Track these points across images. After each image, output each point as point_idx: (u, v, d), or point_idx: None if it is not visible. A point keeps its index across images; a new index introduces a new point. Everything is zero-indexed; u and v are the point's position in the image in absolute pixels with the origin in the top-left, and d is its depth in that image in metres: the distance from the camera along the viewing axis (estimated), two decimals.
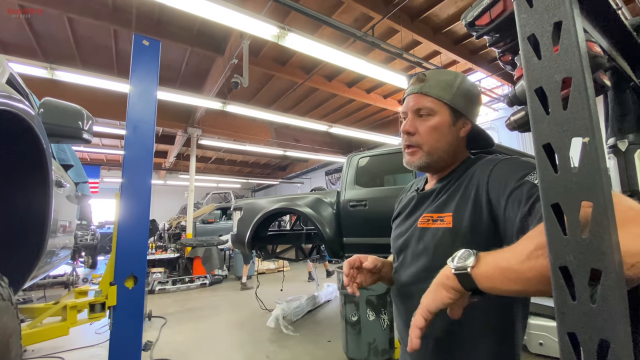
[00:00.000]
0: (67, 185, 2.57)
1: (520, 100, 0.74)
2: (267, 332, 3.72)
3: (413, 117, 0.79)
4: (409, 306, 0.79)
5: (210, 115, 8.55)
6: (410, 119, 0.80)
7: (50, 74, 4.59)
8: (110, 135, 9.75)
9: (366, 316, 2.70)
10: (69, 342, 3.39)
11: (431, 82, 0.79)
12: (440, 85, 0.78)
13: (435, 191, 0.81)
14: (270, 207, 3.65)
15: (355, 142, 11.07)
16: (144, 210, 1.99)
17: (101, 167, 12.68)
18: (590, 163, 0.35)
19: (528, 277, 0.45)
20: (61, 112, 1.63)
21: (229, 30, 5.12)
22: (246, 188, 18.95)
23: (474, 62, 6.04)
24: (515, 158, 0.70)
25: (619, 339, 0.32)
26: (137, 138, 2.00)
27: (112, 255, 1.93)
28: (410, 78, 0.77)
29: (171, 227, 8.48)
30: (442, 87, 0.78)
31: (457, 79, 0.79)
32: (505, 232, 0.63)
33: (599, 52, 0.59)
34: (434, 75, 0.80)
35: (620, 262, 0.34)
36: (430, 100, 0.77)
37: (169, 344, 3.44)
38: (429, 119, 0.77)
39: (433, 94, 0.77)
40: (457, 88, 0.78)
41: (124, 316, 1.90)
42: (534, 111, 0.40)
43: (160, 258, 7.12)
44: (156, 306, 4.83)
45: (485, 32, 0.75)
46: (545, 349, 2.78)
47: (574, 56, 0.37)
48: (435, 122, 0.77)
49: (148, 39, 2.11)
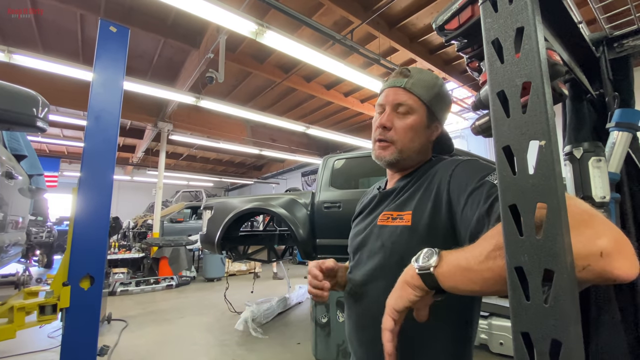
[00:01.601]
0: (19, 178, 2.38)
1: (484, 105, 0.76)
2: (235, 335, 3.63)
3: (391, 112, 0.78)
4: (360, 306, 0.78)
5: (183, 110, 8.26)
6: (388, 113, 0.78)
7: (7, 57, 4.24)
8: (72, 126, 9.16)
9: (336, 317, 2.71)
10: (19, 346, 3.14)
11: (415, 79, 0.78)
12: (422, 84, 0.78)
13: (397, 190, 0.81)
14: (243, 206, 3.57)
15: (332, 144, 11.12)
16: (104, 206, 1.87)
17: (61, 159, 11.89)
18: (546, 166, 0.36)
19: (486, 278, 0.45)
20: (12, 96, 1.50)
21: (205, 23, 4.97)
22: (219, 187, 18.49)
23: (447, 72, 6.27)
24: (476, 160, 0.71)
25: (571, 339, 0.33)
26: (100, 129, 1.88)
27: (67, 254, 1.80)
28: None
29: (137, 225, 8.09)
30: (423, 87, 0.77)
31: (438, 81, 0.80)
32: (459, 231, 0.64)
33: (558, 61, 0.62)
34: (417, 73, 0.79)
35: (572, 264, 0.35)
36: (411, 97, 0.77)
37: (129, 348, 3.27)
38: (407, 117, 0.77)
39: (415, 91, 0.77)
40: (437, 91, 0.78)
41: (77, 319, 1.77)
42: (496, 114, 0.41)
43: (124, 258, 6.78)
44: (117, 308, 4.58)
45: (453, 36, 0.77)
46: (505, 349, 2.91)
47: (534, 62, 0.38)
48: (412, 121, 0.77)
49: (116, 25, 1.99)
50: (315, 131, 8.03)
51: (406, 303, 0.54)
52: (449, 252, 0.53)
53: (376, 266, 0.75)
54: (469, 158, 0.73)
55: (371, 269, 0.76)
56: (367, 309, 0.75)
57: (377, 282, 0.58)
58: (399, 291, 0.56)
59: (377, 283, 0.58)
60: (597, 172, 0.79)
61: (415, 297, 0.53)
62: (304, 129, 7.78)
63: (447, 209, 0.68)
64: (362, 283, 0.78)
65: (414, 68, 0.81)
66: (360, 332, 0.78)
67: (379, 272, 0.73)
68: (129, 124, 9.53)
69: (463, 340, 0.72)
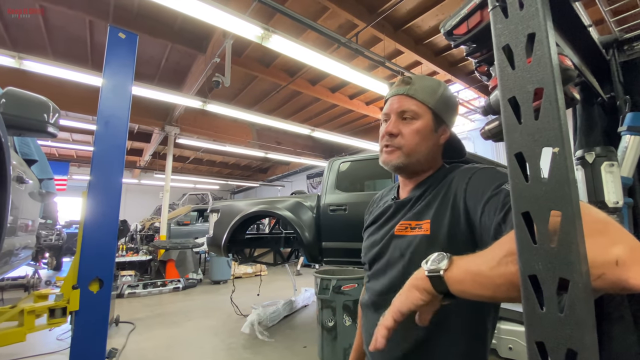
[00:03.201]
0: (30, 182, 2.42)
1: (494, 110, 0.76)
2: (241, 338, 3.63)
3: (397, 120, 0.79)
4: (379, 315, 0.78)
5: (190, 113, 8.34)
6: (393, 121, 0.79)
7: (18, 63, 4.32)
8: (81, 130, 9.31)
9: (343, 321, 2.69)
10: (28, 349, 3.18)
11: (417, 85, 0.79)
12: (425, 90, 0.79)
13: (413, 199, 0.81)
14: (249, 209, 3.59)
15: (337, 147, 11.13)
16: (113, 209, 1.89)
17: (70, 163, 12.06)
18: (560, 173, 0.35)
19: (497, 284, 0.45)
20: (25, 103, 1.53)
21: (211, 28, 5.03)
22: (225, 190, 18.59)
23: (453, 73, 6.24)
24: (492, 168, 0.71)
25: (586, 348, 0.32)
26: (109, 134, 1.90)
27: (77, 257, 1.82)
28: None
29: (144, 228, 8.16)
30: (427, 92, 0.78)
31: (441, 86, 0.81)
32: (481, 240, 0.64)
33: (570, 66, 0.61)
34: (419, 80, 0.80)
35: (587, 272, 0.34)
36: (415, 103, 0.78)
37: (137, 351, 3.29)
38: (413, 122, 0.77)
39: (419, 97, 0.78)
40: (441, 95, 0.79)
41: (87, 322, 1.79)
42: (507, 120, 0.40)
43: (131, 260, 6.83)
44: (125, 311, 4.61)
45: (462, 41, 0.77)
46: (514, 354, 2.86)
47: (546, 67, 0.38)
48: (418, 125, 0.77)
49: (124, 32, 2.02)
50: (320, 134, 8.04)
51: (411, 306, 0.54)
52: (460, 257, 0.52)
53: (396, 276, 0.75)
54: (486, 166, 0.72)
55: (391, 279, 0.77)
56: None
57: (397, 291, 0.59)
58: (406, 293, 0.56)
59: (397, 293, 0.58)
60: (610, 177, 0.78)
61: (422, 301, 0.53)
62: (309, 132, 7.80)
63: (465, 218, 0.68)
64: (381, 292, 0.78)
65: (416, 75, 0.82)
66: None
67: (398, 281, 0.73)
68: (136, 127, 9.65)
69: (478, 347, 0.71)
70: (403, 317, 0.54)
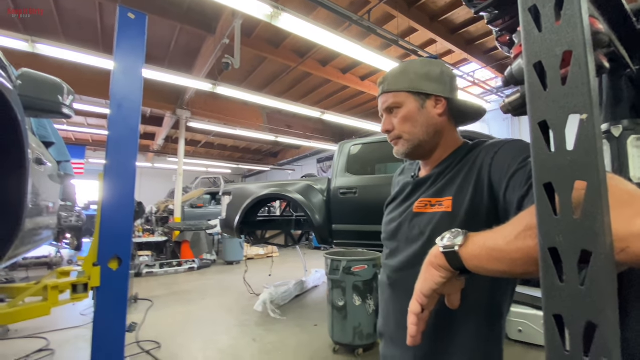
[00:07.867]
0: (49, 164, 2.48)
1: (516, 80, 0.72)
2: (254, 316, 3.75)
3: (387, 116, 0.84)
4: (398, 292, 0.79)
5: (200, 97, 8.35)
6: (385, 119, 0.84)
7: (32, 47, 4.38)
8: (96, 114, 9.46)
9: (352, 301, 2.74)
10: (54, 323, 3.37)
11: (389, 79, 0.83)
12: (396, 78, 0.82)
13: (433, 176, 0.80)
14: (260, 192, 3.62)
15: (348, 130, 11.01)
16: (128, 191, 1.93)
17: (87, 147, 12.34)
18: (587, 141, 0.33)
19: (514, 258, 0.45)
20: (40, 84, 1.55)
21: (220, 8, 4.94)
22: (237, 174, 18.78)
23: (469, 52, 6.01)
24: (521, 140, 0.69)
25: (607, 321, 0.31)
26: (122, 117, 1.92)
27: (96, 237, 1.89)
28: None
29: (159, 210, 8.37)
30: (397, 79, 0.81)
31: (410, 65, 0.82)
32: (505, 215, 0.62)
33: (601, 29, 0.57)
34: (390, 74, 0.84)
35: (611, 244, 0.33)
36: (392, 95, 0.81)
37: (154, 326, 3.44)
38: (398, 112, 0.81)
39: (392, 88, 0.81)
40: (414, 73, 0.80)
41: (107, 297, 1.87)
42: (532, 87, 0.38)
43: (148, 241, 7.06)
44: (143, 289, 4.81)
45: (484, 7, 0.73)
46: (524, 336, 2.88)
47: (576, 29, 0.35)
48: (403, 112, 0.80)
49: (134, 12, 2.00)
50: (330, 117, 7.95)
51: (432, 285, 0.54)
52: (476, 234, 0.52)
53: (415, 253, 0.75)
54: (513, 139, 0.71)
55: (409, 256, 0.77)
56: (405, 293, 0.76)
57: (415, 268, 0.59)
58: (424, 274, 0.56)
59: (415, 269, 0.58)
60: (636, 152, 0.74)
61: (441, 279, 0.53)
62: (320, 115, 7.72)
63: (489, 194, 0.67)
64: (399, 269, 0.79)
65: (389, 71, 0.85)
66: (399, 315, 0.78)
67: (417, 259, 0.73)
68: (149, 111, 9.74)
69: (494, 325, 0.71)
70: (429, 301, 0.54)
